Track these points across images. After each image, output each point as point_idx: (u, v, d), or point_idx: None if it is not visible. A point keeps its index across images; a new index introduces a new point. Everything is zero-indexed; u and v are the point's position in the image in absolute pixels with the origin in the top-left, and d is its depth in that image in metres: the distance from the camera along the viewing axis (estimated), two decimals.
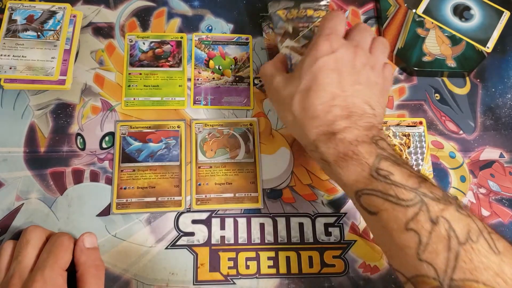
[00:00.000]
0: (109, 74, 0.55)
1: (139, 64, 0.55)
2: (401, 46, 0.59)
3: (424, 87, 0.58)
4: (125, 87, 0.54)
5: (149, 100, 0.54)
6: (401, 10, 0.61)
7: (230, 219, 0.50)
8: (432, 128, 0.56)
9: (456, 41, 0.59)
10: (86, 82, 0.54)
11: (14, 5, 0.55)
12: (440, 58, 0.58)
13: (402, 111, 0.57)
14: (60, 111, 0.52)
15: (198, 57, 0.56)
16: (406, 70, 0.59)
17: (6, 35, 0.54)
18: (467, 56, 0.59)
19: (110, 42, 0.56)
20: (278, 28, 0.50)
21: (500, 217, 0.53)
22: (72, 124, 0.52)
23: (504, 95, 0.59)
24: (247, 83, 0.56)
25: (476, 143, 0.56)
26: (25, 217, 0.47)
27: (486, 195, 0.54)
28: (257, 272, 0.48)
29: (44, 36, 0.54)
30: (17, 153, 0.50)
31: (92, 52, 0.56)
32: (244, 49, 0.58)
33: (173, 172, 0.50)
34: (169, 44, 0.57)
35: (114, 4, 0.58)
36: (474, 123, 0.57)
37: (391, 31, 0.60)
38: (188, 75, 0.55)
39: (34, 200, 0.48)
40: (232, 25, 0.59)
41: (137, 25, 0.58)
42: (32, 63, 0.53)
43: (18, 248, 0.41)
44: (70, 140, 0.51)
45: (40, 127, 0.51)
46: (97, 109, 0.53)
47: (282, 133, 0.54)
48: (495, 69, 0.60)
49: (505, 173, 0.55)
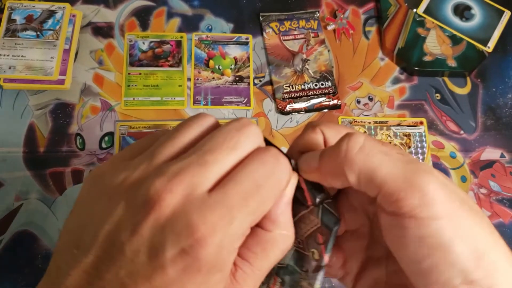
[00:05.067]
0: (109, 74, 0.54)
1: (139, 64, 0.55)
2: (401, 46, 0.58)
3: (424, 87, 0.58)
4: (124, 87, 0.54)
5: (149, 100, 0.53)
6: (402, 10, 0.61)
7: None
8: (433, 128, 0.56)
9: (456, 40, 0.59)
10: (85, 82, 0.54)
11: (13, 4, 0.55)
12: (441, 58, 0.58)
13: (402, 111, 0.57)
14: (59, 111, 0.52)
15: (198, 56, 0.56)
16: (406, 70, 0.58)
17: (6, 35, 0.53)
18: (468, 56, 0.59)
19: (110, 41, 0.56)
20: None
21: (501, 217, 0.52)
22: (72, 124, 0.52)
23: (505, 95, 0.59)
24: (247, 83, 0.56)
25: (477, 143, 0.56)
26: (24, 217, 0.47)
27: (487, 195, 0.53)
28: None
29: (44, 35, 0.54)
30: (16, 153, 0.50)
31: (91, 51, 0.55)
32: (244, 48, 0.58)
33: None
34: (168, 44, 0.56)
35: (113, 4, 0.58)
36: (474, 123, 0.57)
37: (392, 30, 0.60)
38: (188, 75, 0.55)
39: (33, 200, 0.48)
40: (232, 25, 0.59)
41: (137, 24, 0.57)
42: (31, 63, 0.52)
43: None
44: (70, 140, 0.51)
45: (40, 127, 0.51)
46: (96, 109, 0.53)
47: (282, 133, 0.54)
48: (496, 69, 0.60)
49: (506, 173, 0.55)
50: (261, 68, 0.57)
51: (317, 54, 0.58)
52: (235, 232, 0.18)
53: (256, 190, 0.19)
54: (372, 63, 0.59)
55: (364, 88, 0.57)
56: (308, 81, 0.56)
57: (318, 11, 0.61)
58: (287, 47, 0.58)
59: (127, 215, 0.19)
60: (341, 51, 0.59)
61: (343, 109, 0.56)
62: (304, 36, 0.59)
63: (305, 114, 0.55)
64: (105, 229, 0.19)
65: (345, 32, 0.60)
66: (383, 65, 0.59)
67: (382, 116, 0.56)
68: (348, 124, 0.55)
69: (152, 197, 0.18)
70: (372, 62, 0.59)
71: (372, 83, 0.58)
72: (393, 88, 0.58)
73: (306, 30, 0.59)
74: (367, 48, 0.60)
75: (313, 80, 0.56)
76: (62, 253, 0.20)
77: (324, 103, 0.55)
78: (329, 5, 0.62)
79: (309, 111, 0.55)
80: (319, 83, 0.56)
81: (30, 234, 0.47)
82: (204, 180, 0.19)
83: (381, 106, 0.57)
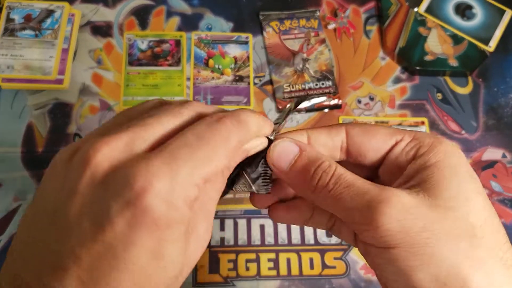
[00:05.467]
0: (108, 73, 0.54)
1: (138, 63, 0.55)
2: (402, 45, 0.58)
3: (426, 87, 0.58)
4: (123, 87, 0.53)
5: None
6: (403, 9, 0.61)
7: (230, 220, 0.49)
8: (434, 128, 0.56)
9: (458, 40, 0.59)
10: (84, 81, 0.53)
11: (12, 4, 0.55)
12: (442, 57, 0.58)
13: (404, 111, 0.56)
14: (58, 110, 0.52)
15: (197, 56, 0.56)
16: (408, 69, 0.58)
17: (4, 34, 0.53)
18: (469, 55, 0.58)
19: (109, 41, 0.56)
20: None
21: (503, 218, 0.52)
22: (70, 124, 0.51)
23: (507, 95, 0.58)
24: (247, 82, 0.55)
25: (478, 143, 0.56)
26: None
27: (488, 195, 0.53)
28: (257, 274, 0.47)
29: (42, 35, 0.54)
30: (14, 153, 0.49)
31: (90, 51, 0.55)
32: (244, 48, 0.57)
33: None
34: (168, 43, 0.56)
35: (112, 3, 0.58)
36: (476, 123, 0.57)
37: (393, 30, 0.59)
38: (188, 75, 0.55)
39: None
40: (232, 24, 0.59)
41: (136, 23, 0.57)
42: (30, 63, 0.52)
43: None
44: (68, 140, 0.51)
45: (38, 127, 0.51)
46: (95, 109, 0.52)
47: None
48: (498, 69, 0.60)
49: (508, 173, 0.54)
50: (261, 67, 0.57)
51: (317, 53, 0.57)
52: (184, 179, 0.18)
53: (198, 140, 0.19)
54: (373, 62, 0.59)
55: (365, 87, 0.57)
56: (308, 81, 0.56)
57: (319, 10, 0.60)
58: (287, 46, 0.58)
59: (67, 179, 0.18)
60: (342, 50, 0.59)
61: (343, 109, 0.56)
62: (304, 35, 0.58)
63: (306, 114, 0.55)
64: (50, 200, 0.18)
65: (345, 31, 0.59)
66: (384, 64, 0.59)
67: (383, 116, 0.56)
68: None
69: (87, 154, 0.17)
70: (373, 62, 0.59)
71: (373, 82, 0.57)
72: (394, 88, 0.57)
73: (307, 29, 0.59)
74: (368, 47, 0.59)
75: (313, 80, 0.56)
76: (21, 232, 0.19)
77: (325, 102, 0.55)
78: (329, 4, 0.61)
79: (310, 111, 0.55)
80: (319, 83, 0.56)
81: None
82: (144, 136, 0.18)
83: (382, 105, 0.56)
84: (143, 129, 0.19)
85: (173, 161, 0.17)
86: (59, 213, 0.18)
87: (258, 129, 0.22)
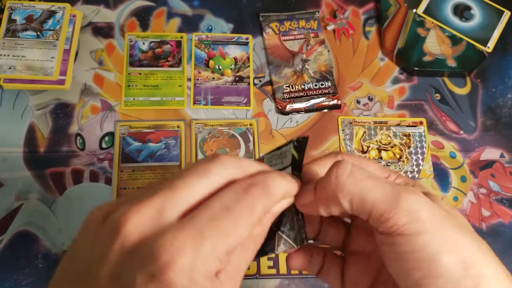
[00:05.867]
0: (109, 74, 0.54)
1: (139, 64, 0.55)
2: (401, 46, 0.58)
3: (424, 87, 0.58)
4: (124, 87, 0.54)
5: (149, 100, 0.53)
6: (402, 10, 0.61)
7: None
8: (433, 128, 0.56)
9: (456, 41, 0.59)
10: (85, 82, 0.54)
11: (13, 4, 0.55)
12: (441, 58, 0.58)
13: (402, 111, 0.57)
14: (59, 111, 0.52)
15: (198, 57, 0.56)
16: (406, 70, 0.59)
17: (6, 35, 0.53)
18: (468, 56, 0.59)
19: (110, 42, 0.56)
20: None
21: (501, 217, 0.52)
22: (72, 124, 0.52)
23: (505, 95, 0.59)
24: (247, 83, 0.56)
25: (477, 143, 0.56)
26: (24, 217, 0.47)
27: (487, 195, 0.53)
28: (257, 273, 0.47)
29: (44, 36, 0.54)
30: (16, 153, 0.50)
31: (91, 52, 0.55)
32: (244, 49, 0.58)
33: (172, 172, 0.50)
34: (168, 44, 0.56)
35: (113, 4, 0.58)
36: (474, 123, 0.57)
37: (392, 31, 0.60)
38: (188, 75, 0.55)
39: (33, 201, 0.48)
40: (232, 25, 0.59)
41: (137, 25, 0.57)
42: (31, 63, 0.52)
43: None
44: (70, 140, 0.51)
45: (40, 127, 0.51)
46: (96, 109, 0.53)
47: (282, 133, 0.54)
48: (496, 69, 0.60)
49: (506, 173, 0.55)
50: (261, 68, 0.57)
51: (317, 54, 0.58)
52: (207, 254, 0.18)
53: (226, 212, 0.19)
54: (372, 63, 0.59)
55: (364, 88, 0.57)
56: (308, 81, 0.56)
57: (318, 11, 0.61)
58: (287, 47, 0.58)
59: (98, 240, 0.19)
60: (341, 51, 0.59)
61: (343, 109, 0.56)
62: (304, 36, 0.59)
63: (305, 114, 0.55)
64: (82, 258, 0.19)
65: (345, 32, 0.60)
66: (383, 65, 0.59)
67: (382, 116, 0.56)
68: (348, 124, 0.55)
69: (118, 220, 0.18)
70: (372, 62, 0.59)
71: (372, 83, 0.58)
72: (393, 88, 0.58)
73: (306, 30, 0.59)
74: (367, 48, 0.60)
75: (313, 80, 0.56)
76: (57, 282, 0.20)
77: (324, 103, 0.55)
78: (329, 5, 0.62)
79: (309, 111, 0.55)
80: (319, 83, 0.56)
81: (30, 234, 0.47)
82: (173, 204, 0.19)
83: (381, 106, 0.57)
84: (171, 193, 0.19)
85: (199, 235, 0.18)
86: (90, 275, 0.18)
87: (284, 193, 0.22)
